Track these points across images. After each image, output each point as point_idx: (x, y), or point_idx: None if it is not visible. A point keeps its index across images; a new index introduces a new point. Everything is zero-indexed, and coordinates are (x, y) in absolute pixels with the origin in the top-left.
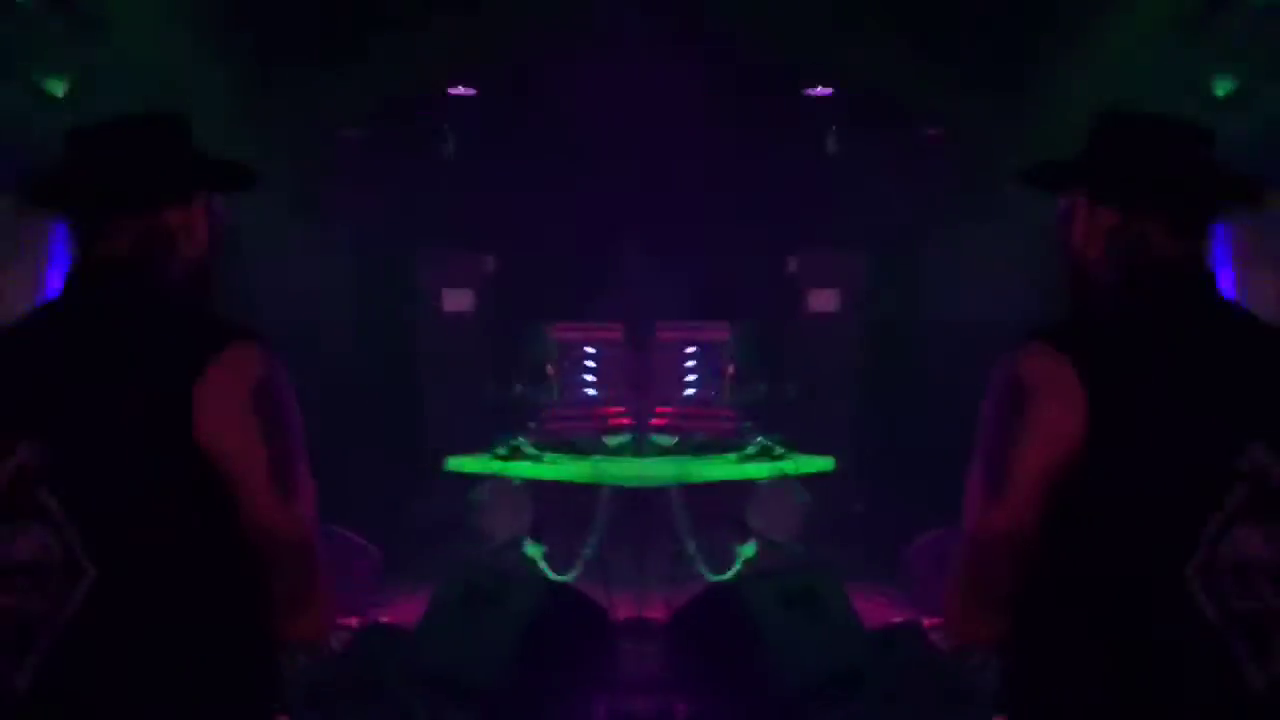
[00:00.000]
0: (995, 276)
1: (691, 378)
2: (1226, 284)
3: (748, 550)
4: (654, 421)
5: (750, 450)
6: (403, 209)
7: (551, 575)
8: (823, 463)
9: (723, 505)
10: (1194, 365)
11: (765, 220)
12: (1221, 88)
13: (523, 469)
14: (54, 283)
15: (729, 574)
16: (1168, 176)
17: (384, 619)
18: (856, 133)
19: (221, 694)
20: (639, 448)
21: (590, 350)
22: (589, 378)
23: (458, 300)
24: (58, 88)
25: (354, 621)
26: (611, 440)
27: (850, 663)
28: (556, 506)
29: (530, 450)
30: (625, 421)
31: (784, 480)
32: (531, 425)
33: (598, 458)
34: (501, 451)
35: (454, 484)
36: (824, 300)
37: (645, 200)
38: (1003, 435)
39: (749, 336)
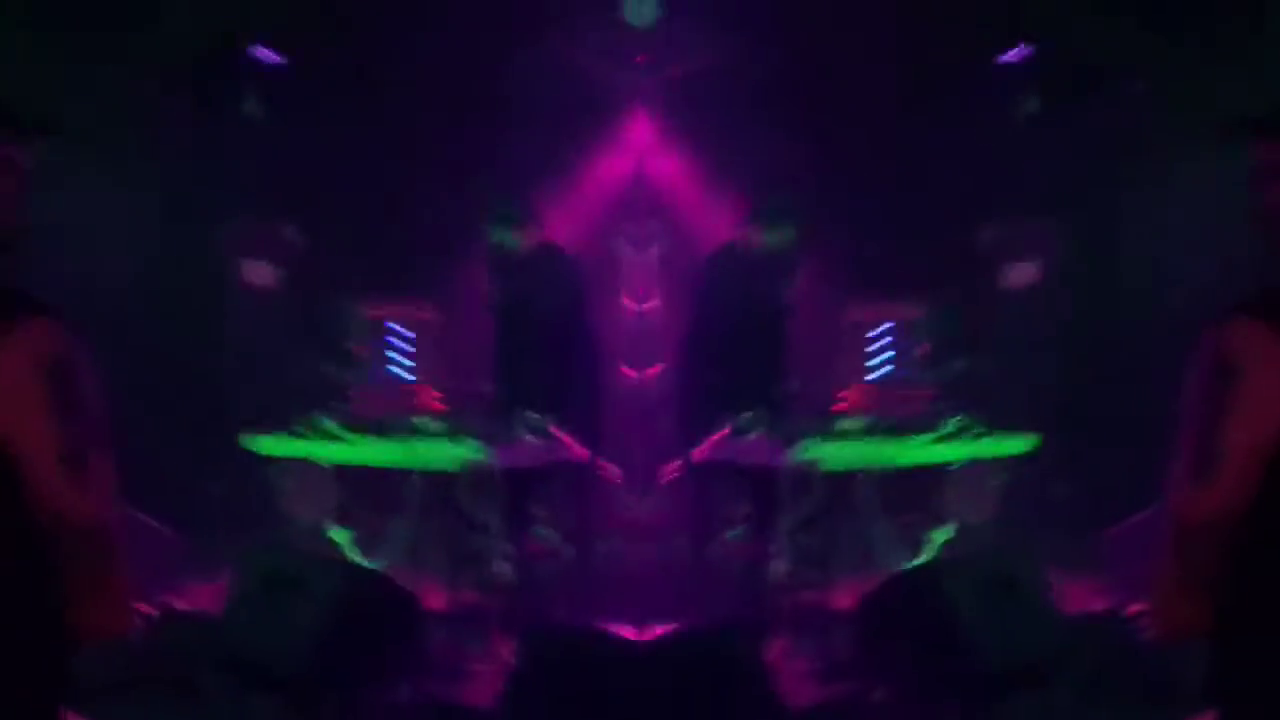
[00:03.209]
0: (1203, 243)
1: (884, 357)
2: None
3: (943, 534)
4: (843, 404)
5: (946, 431)
6: (205, 176)
7: (358, 560)
8: (1022, 443)
9: (917, 488)
10: None
11: (959, 191)
12: None
13: (325, 450)
14: None
15: (923, 559)
16: None
17: (182, 606)
18: (1052, 96)
19: (3, 690)
20: (456, 431)
21: (402, 329)
22: (401, 357)
23: (260, 273)
24: None
25: (151, 609)
26: (422, 422)
27: (1049, 650)
28: (362, 490)
29: (334, 430)
30: (438, 406)
31: (982, 461)
32: (337, 405)
33: (409, 439)
34: (301, 431)
35: (254, 465)
36: (1022, 273)
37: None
38: (1209, 414)
39: (944, 313)
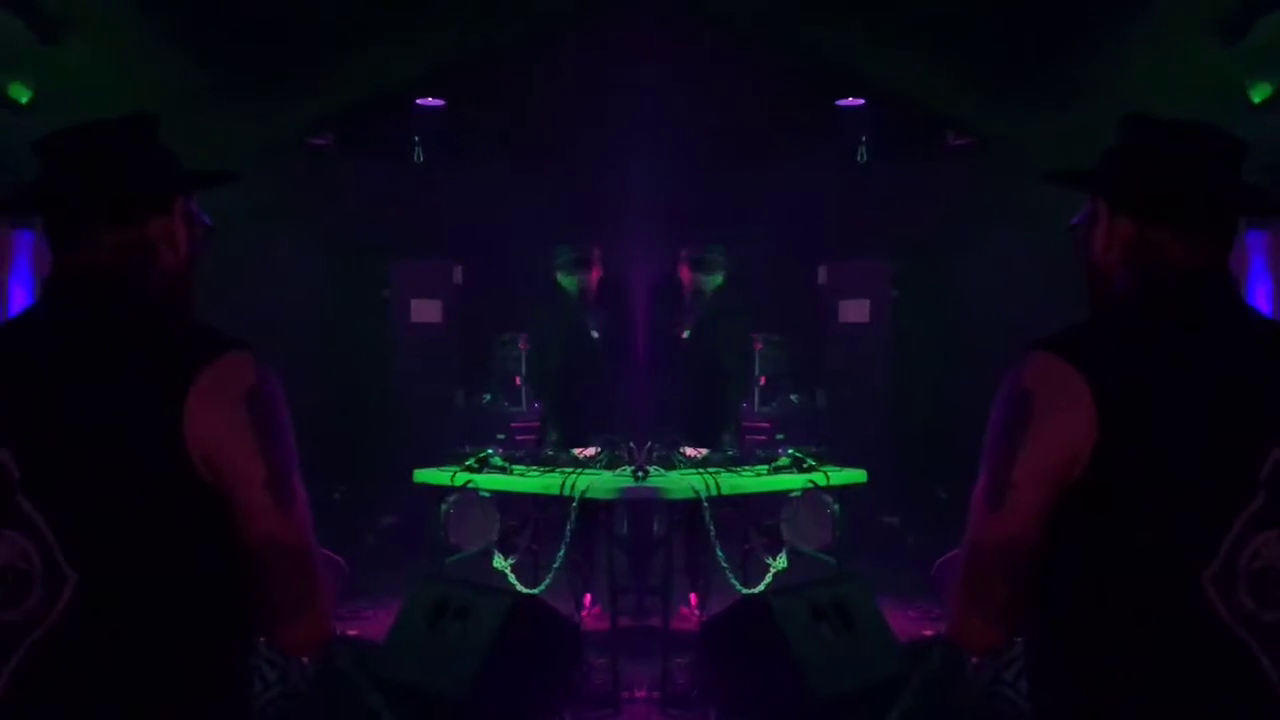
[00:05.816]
0: (1027, 285)
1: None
2: (1265, 294)
3: (779, 562)
4: None
5: (781, 462)
6: (372, 218)
7: (520, 587)
8: (855, 474)
9: (753, 517)
10: (1211, 375)
11: (795, 231)
12: (1259, 94)
13: (491, 481)
14: (16, 294)
15: (759, 586)
16: (1183, 187)
17: (351, 632)
18: (886, 143)
19: (198, 705)
20: (613, 460)
21: None
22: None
23: (427, 311)
24: (22, 94)
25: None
26: (580, 451)
27: (881, 675)
28: (525, 518)
29: (498, 462)
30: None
31: (815, 492)
32: (500, 436)
33: (568, 469)
34: (470, 463)
35: (422, 496)
36: (855, 311)
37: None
38: (1005, 445)
39: (780, 348)
